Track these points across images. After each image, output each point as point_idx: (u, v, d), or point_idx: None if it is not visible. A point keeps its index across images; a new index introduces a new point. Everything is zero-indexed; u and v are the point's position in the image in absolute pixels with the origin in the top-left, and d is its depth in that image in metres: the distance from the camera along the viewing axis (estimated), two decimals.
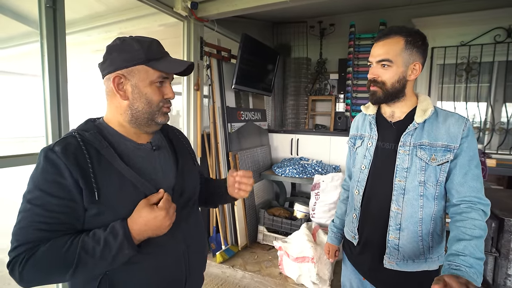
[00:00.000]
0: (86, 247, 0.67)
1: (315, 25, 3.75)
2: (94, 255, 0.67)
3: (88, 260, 0.66)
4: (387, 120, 1.07)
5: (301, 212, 2.82)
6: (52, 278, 0.68)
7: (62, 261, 0.65)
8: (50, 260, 0.65)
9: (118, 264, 0.71)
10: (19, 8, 2.34)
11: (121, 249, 0.68)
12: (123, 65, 0.75)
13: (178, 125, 2.73)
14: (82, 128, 0.77)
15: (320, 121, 3.97)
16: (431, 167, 0.97)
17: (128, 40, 0.77)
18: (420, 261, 1.01)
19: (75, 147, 0.71)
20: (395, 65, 0.97)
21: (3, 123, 5.22)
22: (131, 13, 2.63)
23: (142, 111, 0.78)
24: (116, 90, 0.76)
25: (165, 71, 0.78)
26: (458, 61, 3.17)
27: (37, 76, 1.56)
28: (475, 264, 0.82)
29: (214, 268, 2.55)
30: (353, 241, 1.13)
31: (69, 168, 0.68)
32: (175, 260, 0.83)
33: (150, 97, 0.78)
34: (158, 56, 0.78)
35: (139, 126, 0.81)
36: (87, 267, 0.67)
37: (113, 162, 0.74)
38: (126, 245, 0.69)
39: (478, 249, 0.85)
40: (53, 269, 0.66)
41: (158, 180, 0.81)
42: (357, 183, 1.12)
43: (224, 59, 2.83)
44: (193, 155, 1.01)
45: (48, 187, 0.67)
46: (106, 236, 0.68)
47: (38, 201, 0.67)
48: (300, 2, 2.20)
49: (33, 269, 0.65)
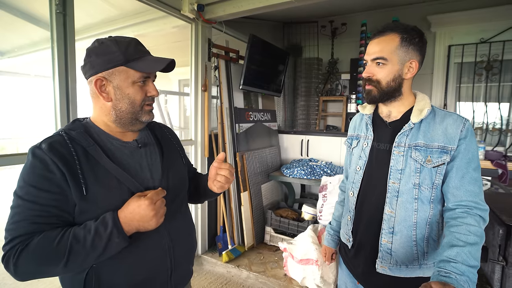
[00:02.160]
0: (77, 237, 0.68)
1: (327, 25, 3.70)
2: (85, 244, 0.68)
3: (80, 250, 0.68)
4: (384, 120, 1.04)
5: (309, 214, 2.79)
6: (45, 269, 0.69)
7: (54, 251, 0.67)
8: (43, 250, 0.67)
9: (110, 254, 0.72)
10: (35, 12, 2.48)
11: (111, 238, 0.70)
12: (103, 68, 0.76)
13: (188, 125, 2.77)
14: (69, 128, 0.79)
15: (332, 122, 3.91)
16: (426, 169, 0.93)
17: (106, 42, 0.78)
18: (414, 267, 0.97)
19: (61, 145, 0.73)
20: (390, 63, 0.94)
21: (17, 122, 5.50)
22: (143, 17, 2.72)
23: (126, 111, 0.80)
24: (99, 92, 0.78)
25: (144, 71, 0.78)
26: (478, 59, 3.02)
27: (48, 77, 1.64)
28: (467, 272, 0.77)
29: (219, 268, 2.57)
30: (348, 244, 1.11)
31: (56, 163, 0.70)
32: (159, 255, 0.84)
33: (132, 97, 0.79)
34: (136, 56, 0.78)
35: (124, 126, 0.82)
36: (78, 258, 0.68)
37: (99, 160, 0.75)
38: (116, 234, 0.70)
39: (472, 256, 0.80)
40: (46, 259, 0.67)
41: (144, 177, 0.83)
42: (352, 185, 1.09)
43: (232, 60, 2.85)
44: (181, 152, 1.01)
45: (38, 182, 0.70)
46: (96, 226, 0.70)
47: (29, 196, 0.69)
48: (305, 2, 2.18)
49: (26, 260, 0.66)
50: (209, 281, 2.42)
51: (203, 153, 2.69)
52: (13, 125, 5.78)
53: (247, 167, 2.80)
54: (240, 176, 2.73)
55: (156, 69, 0.79)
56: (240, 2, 2.29)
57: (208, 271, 2.59)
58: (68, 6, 1.62)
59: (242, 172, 2.76)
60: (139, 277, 0.81)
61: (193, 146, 2.67)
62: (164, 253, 0.85)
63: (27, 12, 2.54)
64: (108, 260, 0.76)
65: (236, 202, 2.80)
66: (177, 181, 0.92)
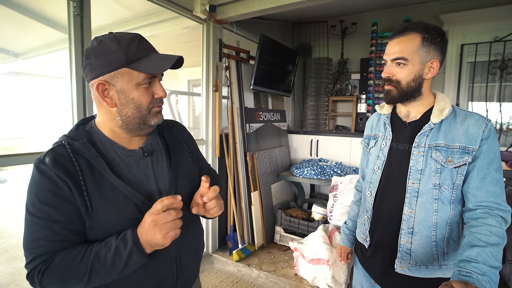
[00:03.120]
0: (98, 255, 0.68)
1: (337, 25, 3.69)
2: (106, 263, 0.67)
3: (101, 268, 0.67)
4: (402, 120, 1.03)
5: (319, 214, 2.79)
6: (69, 286, 0.69)
7: (76, 270, 0.67)
8: (66, 269, 0.67)
9: (130, 271, 0.71)
10: (49, 14, 2.53)
11: (130, 256, 0.68)
12: (104, 71, 0.69)
13: (199, 125, 2.80)
14: (72, 136, 0.74)
15: (341, 122, 3.89)
16: (447, 169, 0.92)
17: (106, 40, 0.70)
18: (434, 267, 0.96)
19: (64, 158, 0.69)
20: (411, 63, 0.93)
21: (29, 122, 5.61)
22: (155, 18, 2.75)
23: (132, 116, 0.74)
24: (102, 97, 0.71)
25: (149, 72, 0.71)
26: (492, 58, 2.97)
27: (65, 79, 1.67)
28: (489, 272, 0.77)
29: (230, 266, 2.59)
30: (365, 244, 1.10)
31: (63, 179, 0.67)
32: (166, 264, 0.82)
33: (138, 101, 0.73)
34: (140, 55, 0.71)
35: (131, 131, 0.77)
36: (99, 275, 0.68)
37: (103, 173, 0.71)
38: (135, 251, 0.68)
39: (493, 257, 0.79)
40: (69, 278, 0.67)
41: (149, 188, 0.79)
42: (369, 184, 1.09)
43: (243, 61, 2.87)
44: (191, 152, 0.95)
45: (49, 199, 0.67)
46: (117, 244, 0.68)
47: (43, 214, 0.67)
48: (317, 2, 2.17)
49: (51, 278, 0.67)
50: (220, 280, 2.44)
51: (214, 153, 2.71)
52: (24, 125, 5.90)
53: (257, 167, 2.81)
54: (250, 175, 2.74)
55: (163, 69, 0.71)
56: (252, 2, 2.30)
57: (219, 269, 2.61)
58: (85, 8, 1.65)
59: (253, 171, 2.77)
60: (145, 286, 0.79)
61: (204, 146, 2.70)
62: (171, 262, 0.82)
63: (41, 14, 2.60)
64: None
65: (246, 202, 2.81)
66: (186, 188, 0.86)
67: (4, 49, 3.44)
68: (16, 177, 6.06)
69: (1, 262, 2.70)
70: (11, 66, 4.10)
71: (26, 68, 4.32)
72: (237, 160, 2.78)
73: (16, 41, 3.33)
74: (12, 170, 6.20)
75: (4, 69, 4.38)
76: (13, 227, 3.60)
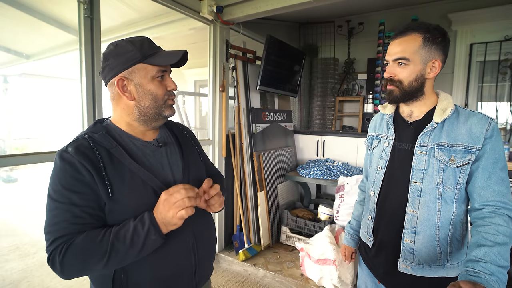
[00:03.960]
0: (118, 235, 0.71)
1: (343, 25, 3.68)
2: (125, 242, 0.71)
3: (120, 248, 0.71)
4: (405, 120, 1.03)
5: (325, 214, 2.78)
6: (89, 266, 0.71)
7: (97, 249, 0.70)
8: (87, 248, 0.70)
9: (147, 251, 0.74)
10: (59, 16, 2.58)
11: (148, 235, 0.72)
12: (122, 68, 0.78)
13: (205, 125, 2.82)
14: (92, 130, 0.81)
15: (348, 123, 3.88)
16: (450, 168, 0.92)
17: (121, 43, 0.80)
18: (437, 267, 0.96)
19: (85, 147, 0.75)
20: (412, 63, 0.94)
21: (39, 122, 5.72)
22: (162, 19, 2.78)
23: (150, 107, 0.82)
24: (122, 92, 0.80)
25: (162, 64, 0.80)
26: (502, 57, 2.93)
27: (75, 80, 1.71)
28: (497, 272, 0.76)
29: (236, 266, 2.60)
30: (368, 243, 1.11)
31: (84, 165, 0.72)
32: (185, 252, 0.86)
33: (155, 92, 0.81)
34: (152, 52, 0.80)
35: (147, 122, 0.84)
36: (119, 255, 0.71)
37: (123, 161, 0.77)
38: (153, 231, 0.72)
39: (501, 256, 0.79)
40: (90, 256, 0.70)
41: (165, 176, 0.85)
42: (372, 184, 1.10)
43: (249, 61, 2.88)
44: (199, 151, 1.03)
45: (71, 185, 0.72)
46: (135, 224, 0.73)
47: (64, 199, 0.72)
48: (324, 2, 2.18)
49: (72, 257, 0.70)
50: (226, 279, 2.46)
51: (220, 153, 2.72)
52: (35, 125, 6.01)
53: (264, 167, 2.82)
54: (256, 175, 2.75)
55: (172, 61, 0.80)
56: (259, 3, 2.31)
57: (225, 269, 2.62)
58: (95, 10, 1.68)
59: (259, 172, 2.78)
60: (165, 274, 0.82)
61: (211, 146, 2.72)
62: (189, 251, 0.87)
63: (52, 16, 2.65)
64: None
65: (252, 202, 2.82)
66: (197, 179, 0.93)
67: (16, 51, 3.52)
68: (27, 177, 6.18)
69: (13, 259, 2.76)
70: (23, 68, 4.19)
71: (37, 69, 4.40)
72: (243, 160, 2.79)
73: (28, 43, 3.40)
74: (23, 169, 6.34)
75: (16, 70, 4.48)
76: (24, 225, 3.68)
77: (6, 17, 2.48)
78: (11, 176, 5.82)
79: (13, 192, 5.42)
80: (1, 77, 4.92)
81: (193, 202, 0.76)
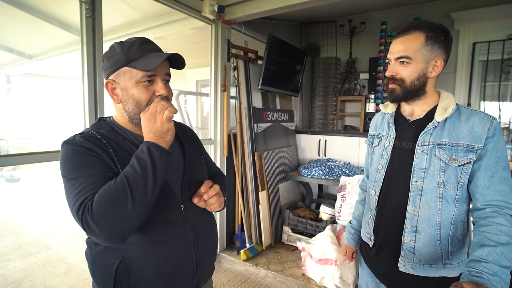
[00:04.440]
0: (127, 170, 0.71)
1: (345, 24, 3.67)
2: (136, 171, 0.70)
3: (135, 177, 0.69)
4: (406, 118, 1.03)
5: (327, 214, 2.78)
6: (119, 210, 0.68)
7: (116, 188, 0.68)
8: (108, 191, 0.68)
9: (161, 172, 0.73)
10: (61, 16, 2.59)
11: (151, 154, 0.72)
12: (110, 71, 0.79)
13: (206, 125, 2.82)
14: (97, 126, 0.83)
15: (350, 122, 3.86)
16: (451, 167, 0.91)
17: (114, 45, 0.80)
18: (438, 266, 0.96)
19: (95, 138, 0.77)
20: (415, 61, 0.93)
21: (41, 122, 5.75)
22: (163, 19, 2.78)
23: (133, 112, 0.81)
24: (111, 95, 0.82)
25: (141, 69, 0.77)
26: (505, 56, 2.91)
27: (77, 80, 1.71)
28: (500, 272, 0.76)
29: (237, 266, 2.60)
30: (369, 243, 1.10)
31: (94, 148, 0.74)
32: (185, 249, 0.86)
33: (137, 98, 0.79)
34: (138, 55, 0.78)
35: (137, 125, 0.83)
36: (138, 184, 0.69)
37: (130, 153, 0.78)
38: (153, 147, 0.73)
39: (504, 256, 0.78)
40: (113, 197, 0.68)
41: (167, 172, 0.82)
42: (373, 183, 1.09)
43: (251, 61, 2.88)
44: (201, 150, 1.03)
45: (84, 161, 0.73)
46: (136, 154, 0.74)
47: (80, 173, 0.72)
48: (326, 1, 2.17)
49: (98, 206, 0.67)
50: (227, 279, 2.46)
51: (222, 152, 2.72)
52: (37, 125, 6.03)
53: (265, 167, 2.82)
54: (258, 175, 2.75)
55: (154, 65, 0.76)
56: (260, 2, 2.31)
57: (227, 268, 2.63)
58: (97, 10, 1.69)
59: (260, 171, 2.78)
60: (166, 271, 0.83)
61: (213, 146, 2.72)
62: (189, 248, 0.87)
63: (54, 16, 2.66)
64: (137, 254, 0.79)
65: (254, 201, 2.82)
66: (198, 178, 0.94)
67: (18, 51, 3.53)
68: (30, 176, 6.21)
69: (15, 258, 2.78)
70: (25, 68, 4.21)
71: (40, 69, 4.43)
72: (245, 160, 2.79)
73: (30, 43, 3.42)
74: (25, 169, 6.37)
75: (19, 70, 4.50)
76: (27, 224, 3.70)
77: (8, 17, 2.49)
78: (13, 175, 5.86)
79: (15, 191, 5.45)
80: (4, 77, 4.95)
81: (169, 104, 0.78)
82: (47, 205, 4.62)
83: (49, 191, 5.20)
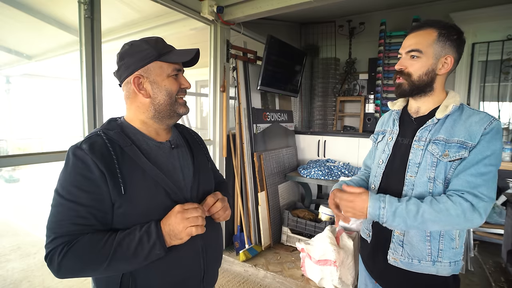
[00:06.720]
0: (122, 244, 0.70)
1: (344, 24, 3.67)
2: (128, 251, 0.70)
3: (122, 256, 0.70)
4: (410, 115, 1.04)
5: (326, 214, 2.77)
6: (87, 270, 0.71)
7: (98, 255, 0.69)
8: (88, 253, 0.69)
9: (148, 262, 0.74)
10: (60, 16, 2.59)
11: (153, 249, 0.72)
12: (138, 66, 0.79)
13: (206, 125, 2.82)
14: (106, 127, 0.81)
15: (349, 123, 3.87)
16: (442, 163, 0.91)
17: (136, 42, 0.81)
18: (426, 262, 0.95)
19: (100, 145, 0.75)
20: (425, 56, 0.93)
21: (41, 123, 5.74)
22: (163, 19, 2.78)
23: (164, 103, 0.82)
24: (138, 90, 0.81)
25: (176, 62, 0.82)
26: (504, 57, 2.91)
27: (76, 80, 1.71)
28: (392, 201, 0.88)
29: (237, 266, 2.60)
30: (367, 239, 1.11)
31: (96, 163, 0.71)
32: (193, 257, 0.85)
33: (169, 88, 0.82)
34: (167, 50, 0.82)
35: (162, 120, 0.84)
36: (120, 262, 0.70)
37: (136, 159, 0.77)
38: (158, 245, 0.72)
39: (415, 207, 0.85)
40: (90, 261, 0.69)
41: (176, 178, 0.84)
42: (374, 178, 1.10)
43: (250, 61, 2.88)
44: (207, 155, 1.03)
45: (79, 182, 0.71)
46: (141, 235, 0.72)
47: (71, 196, 0.71)
48: (325, 2, 2.17)
49: (72, 260, 0.68)
50: (227, 280, 2.45)
51: (221, 153, 2.72)
52: (37, 125, 6.03)
53: (264, 167, 2.81)
54: (257, 176, 2.74)
55: (186, 58, 0.82)
56: (259, 3, 2.31)
57: (226, 269, 2.62)
58: (95, 10, 1.69)
59: (260, 172, 2.77)
60: (174, 279, 0.81)
61: (212, 146, 2.72)
62: (198, 255, 0.86)
63: (53, 17, 2.66)
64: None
65: (253, 202, 2.82)
66: (207, 184, 0.94)
67: (17, 52, 3.53)
68: (29, 177, 6.20)
69: (14, 259, 2.77)
70: (24, 68, 4.20)
71: (39, 70, 4.42)
72: (244, 161, 2.79)
73: (29, 43, 3.42)
74: (24, 169, 6.36)
75: (18, 71, 4.50)
76: (26, 225, 3.70)
77: (7, 17, 2.49)
78: (13, 176, 5.85)
79: (15, 192, 5.44)
80: (4, 78, 4.94)
81: (203, 223, 0.78)
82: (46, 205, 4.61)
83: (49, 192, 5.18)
